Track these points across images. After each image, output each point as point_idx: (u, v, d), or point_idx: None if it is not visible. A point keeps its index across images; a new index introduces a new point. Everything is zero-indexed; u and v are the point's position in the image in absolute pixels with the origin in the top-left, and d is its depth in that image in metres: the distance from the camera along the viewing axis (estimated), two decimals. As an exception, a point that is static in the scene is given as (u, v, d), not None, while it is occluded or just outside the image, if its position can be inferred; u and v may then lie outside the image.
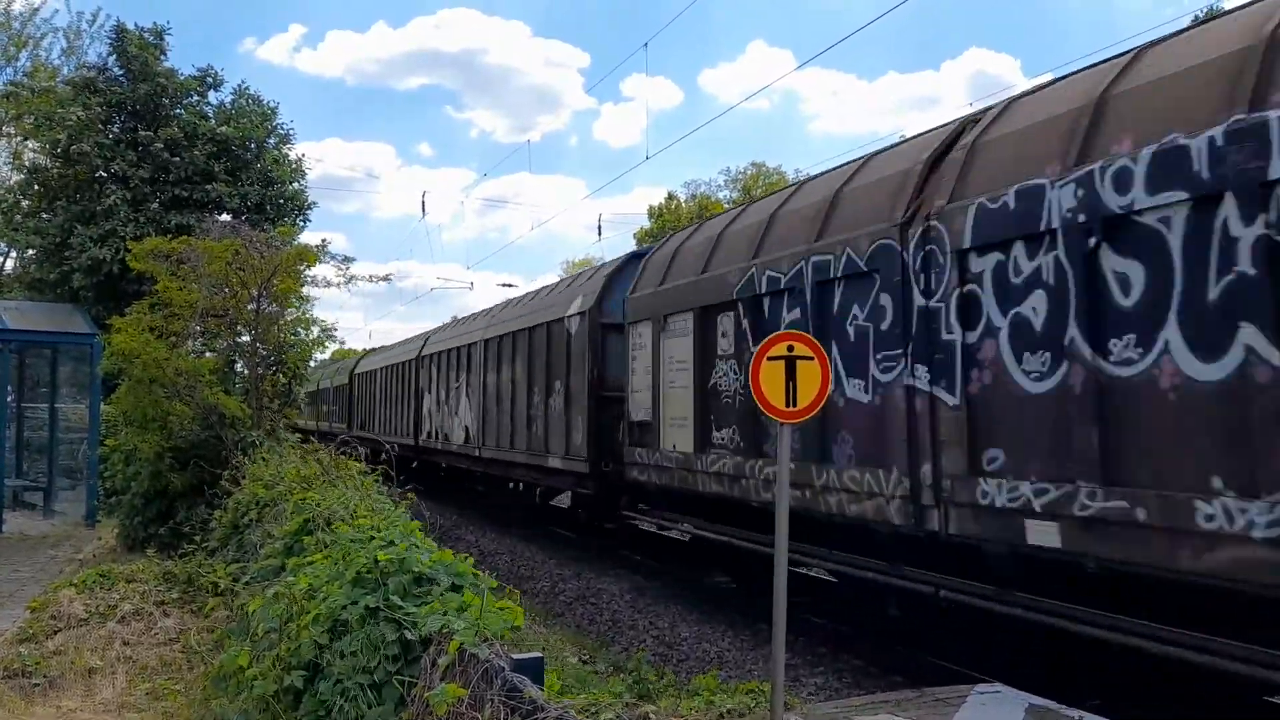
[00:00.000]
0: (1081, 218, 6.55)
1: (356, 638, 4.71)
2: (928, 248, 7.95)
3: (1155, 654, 6.18)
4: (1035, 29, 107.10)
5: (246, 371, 16.90)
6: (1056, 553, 6.66)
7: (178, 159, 26.98)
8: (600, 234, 70.83)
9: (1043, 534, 6.71)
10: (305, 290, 17.40)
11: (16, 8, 32.57)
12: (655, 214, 62.80)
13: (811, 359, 5.80)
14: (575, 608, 13.24)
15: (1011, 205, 7.15)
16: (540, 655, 4.19)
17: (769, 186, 50.68)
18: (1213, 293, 5.73)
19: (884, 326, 8.43)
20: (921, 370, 7.93)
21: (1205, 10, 37.85)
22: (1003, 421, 7.17)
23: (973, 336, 7.49)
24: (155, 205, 26.57)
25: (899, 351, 8.21)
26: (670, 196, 63.77)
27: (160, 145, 26.72)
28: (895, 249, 8.29)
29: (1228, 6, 7.19)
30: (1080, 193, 6.57)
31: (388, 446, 11.39)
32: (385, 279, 43.35)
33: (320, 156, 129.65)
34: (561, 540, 18.21)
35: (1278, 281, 5.39)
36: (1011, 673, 7.22)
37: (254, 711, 5.15)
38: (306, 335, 17.55)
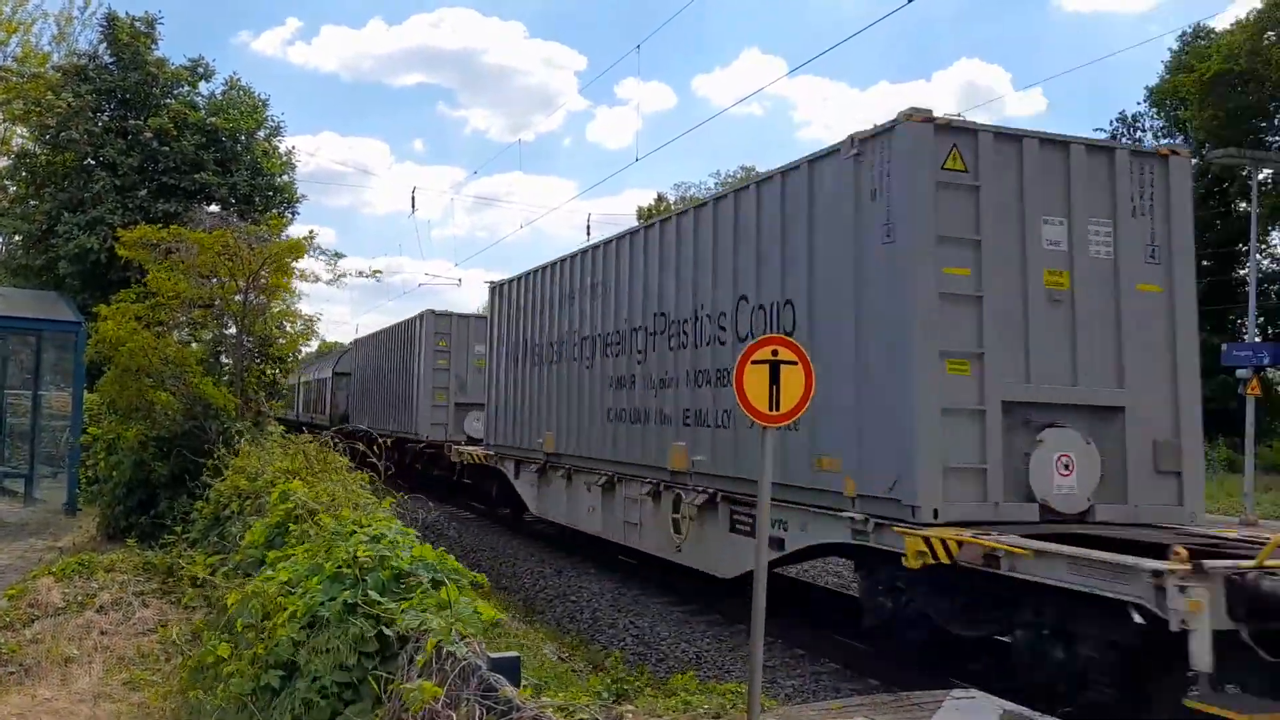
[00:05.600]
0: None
1: (334, 634, 4.71)
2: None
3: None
4: (1026, 41, 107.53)
5: (232, 363, 16.85)
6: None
7: (167, 148, 26.87)
8: (589, 234, 70.65)
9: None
10: (294, 284, 17.36)
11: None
12: (644, 215, 62.82)
13: (795, 364, 5.81)
14: (556, 605, 13.25)
15: None
16: (517, 655, 4.20)
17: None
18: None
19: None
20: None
21: (1193, 26, 37.99)
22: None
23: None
24: (143, 193, 26.49)
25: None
26: (660, 198, 63.88)
27: (150, 134, 26.60)
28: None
29: (1212, 26, 7.06)
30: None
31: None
32: (376, 274, 43.39)
33: (314, 150, 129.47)
34: (544, 539, 18.22)
35: None
36: (988, 681, 7.27)
37: (231, 709, 5.14)
38: (292, 328, 17.46)
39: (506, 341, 18.62)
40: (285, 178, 30.26)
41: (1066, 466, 8.22)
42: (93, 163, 26.88)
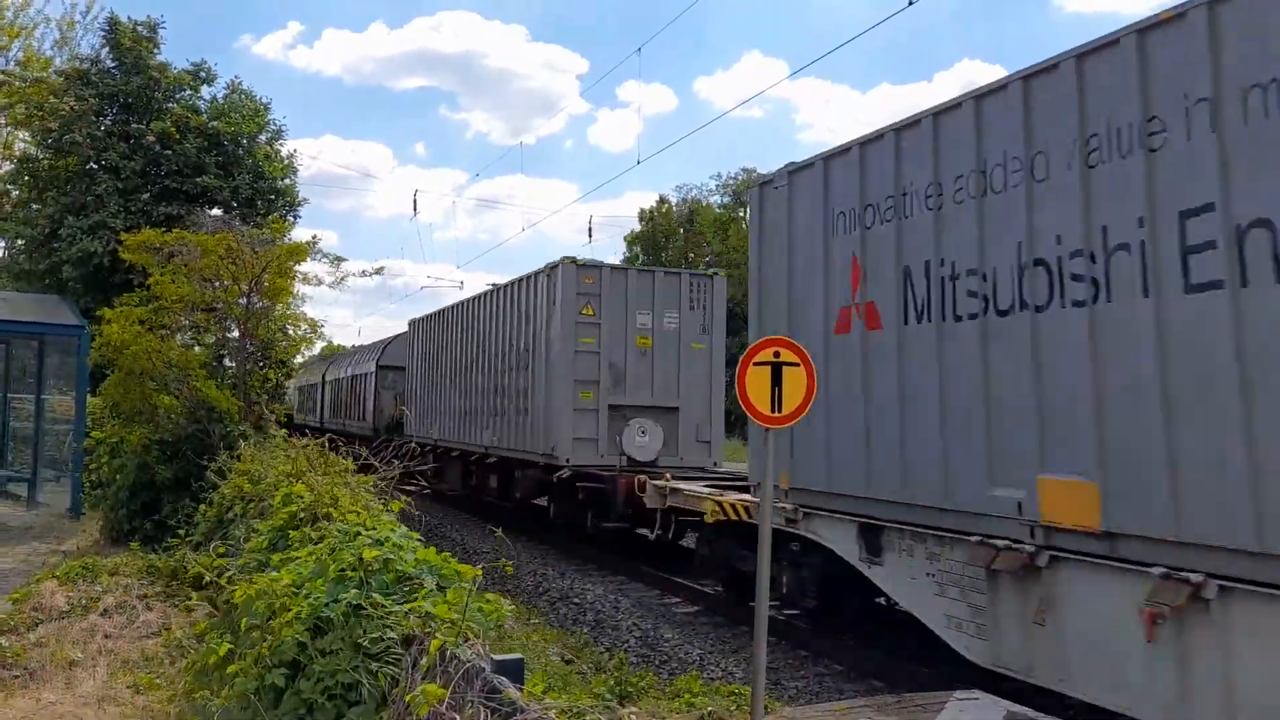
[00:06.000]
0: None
1: (338, 635, 4.72)
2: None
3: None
4: (1027, 42, 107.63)
5: (234, 366, 16.89)
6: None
7: (169, 152, 26.93)
8: (591, 236, 71.13)
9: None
10: (296, 288, 17.43)
11: (9, -3, 32.39)
12: (646, 217, 62.94)
13: (797, 365, 5.83)
14: (559, 607, 13.26)
15: None
16: (520, 657, 4.21)
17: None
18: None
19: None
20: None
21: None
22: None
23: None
24: (146, 196, 26.54)
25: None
26: (661, 200, 63.93)
27: (152, 138, 26.67)
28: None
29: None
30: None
31: None
32: (378, 272, 43.56)
33: (316, 154, 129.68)
34: (547, 540, 18.22)
35: None
36: (991, 681, 7.27)
37: (235, 708, 5.15)
38: (295, 331, 17.52)
39: (818, 284, 9.53)
40: (287, 181, 30.32)
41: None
42: (95, 167, 26.93)
